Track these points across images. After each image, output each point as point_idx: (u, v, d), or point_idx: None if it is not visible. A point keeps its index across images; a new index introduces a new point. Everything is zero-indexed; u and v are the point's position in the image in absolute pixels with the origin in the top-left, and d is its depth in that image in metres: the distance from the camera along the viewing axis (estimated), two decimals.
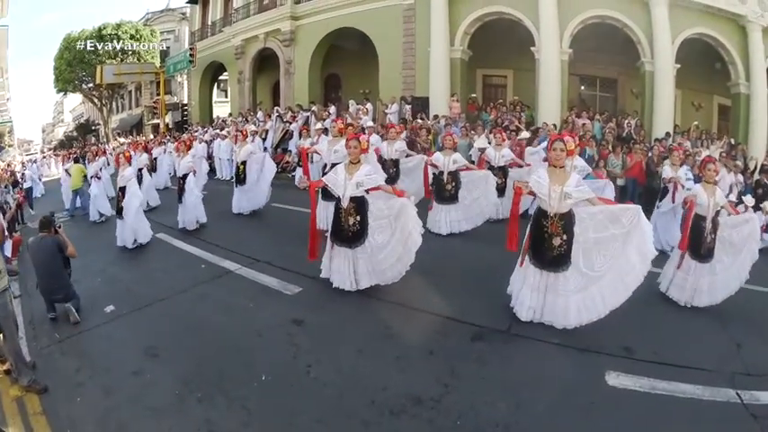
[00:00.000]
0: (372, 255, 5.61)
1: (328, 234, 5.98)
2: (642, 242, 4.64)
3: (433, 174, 8.43)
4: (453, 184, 8.28)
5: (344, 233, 5.63)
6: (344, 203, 5.60)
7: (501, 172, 8.99)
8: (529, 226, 5.01)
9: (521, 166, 9.29)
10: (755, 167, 13.21)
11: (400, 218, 5.53)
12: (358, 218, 5.59)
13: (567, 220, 4.76)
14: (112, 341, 5.08)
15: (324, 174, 7.51)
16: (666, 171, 8.10)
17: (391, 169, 9.14)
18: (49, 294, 5.67)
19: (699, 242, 5.70)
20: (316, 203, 5.97)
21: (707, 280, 5.70)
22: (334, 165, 7.21)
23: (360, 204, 5.61)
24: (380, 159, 9.37)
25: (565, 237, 4.74)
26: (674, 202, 7.94)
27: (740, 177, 11.34)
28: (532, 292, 4.92)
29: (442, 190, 8.32)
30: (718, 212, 5.77)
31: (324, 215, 7.35)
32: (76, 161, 14.94)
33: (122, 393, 4.06)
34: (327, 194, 6.82)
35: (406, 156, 9.45)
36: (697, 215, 5.73)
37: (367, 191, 5.67)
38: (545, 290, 4.87)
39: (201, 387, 4.05)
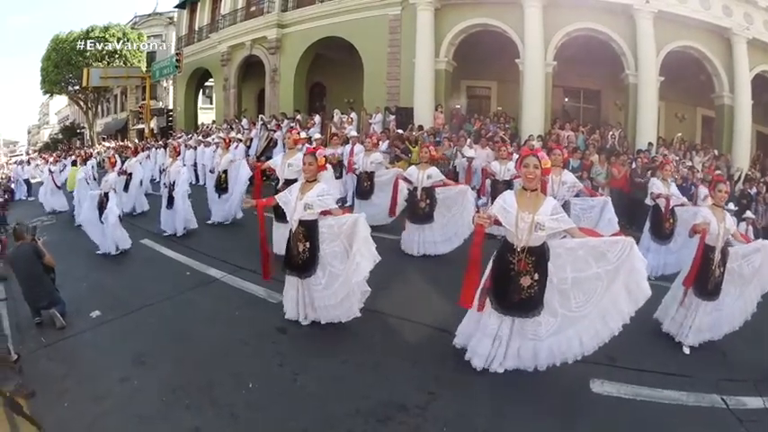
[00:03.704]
0: (326, 287, 4.96)
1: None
2: (631, 280, 3.86)
3: (408, 190, 7.75)
4: (428, 201, 7.56)
5: (294, 260, 5.01)
6: (293, 226, 4.98)
7: (506, 186, 8.00)
8: (491, 261, 4.16)
9: None
10: (740, 177, 13.40)
11: (352, 238, 4.80)
12: (307, 244, 4.92)
13: (539, 255, 3.91)
14: (99, 347, 5.07)
15: (276, 191, 6.54)
16: (657, 186, 7.36)
17: (366, 182, 8.92)
18: (33, 302, 5.63)
19: (705, 277, 4.88)
20: (264, 222, 5.36)
21: (710, 318, 5.02)
22: (287, 181, 6.68)
23: (309, 229, 4.93)
24: (355, 171, 9.28)
25: (536, 276, 3.91)
26: (665, 221, 7.31)
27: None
28: (492, 341, 4.17)
29: (416, 208, 7.61)
30: (727, 241, 5.01)
31: (278, 238, 6.89)
32: (74, 164, 14.92)
33: (110, 400, 4.06)
34: (281, 215, 6.27)
35: (385, 168, 9.13)
36: (705, 245, 4.88)
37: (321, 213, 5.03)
38: (509, 337, 4.14)
39: (189, 394, 4.06)
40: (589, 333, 3.99)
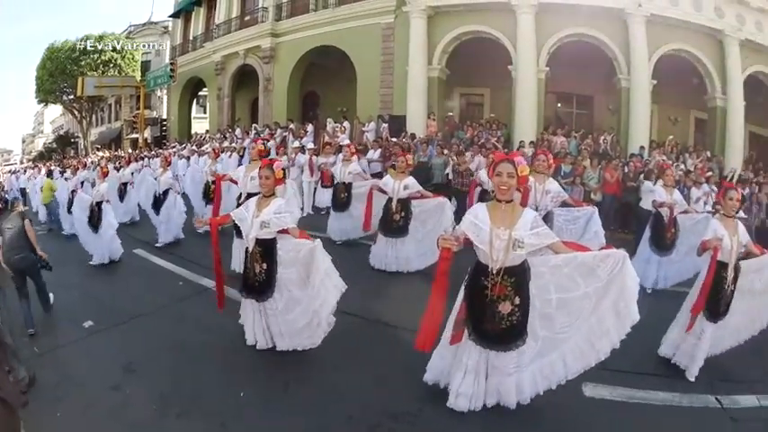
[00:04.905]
0: (285, 312, 4.66)
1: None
2: (621, 301, 3.43)
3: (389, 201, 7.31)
4: (403, 213, 7.14)
5: (251, 281, 4.66)
6: (250, 246, 4.60)
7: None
8: (463, 287, 3.66)
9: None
10: (732, 178, 13.42)
11: (310, 267, 4.47)
12: (264, 265, 4.57)
13: (519, 276, 3.41)
14: (91, 356, 5.06)
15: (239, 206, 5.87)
16: (659, 194, 6.94)
17: (343, 194, 8.63)
18: (7, 256, 5.68)
19: (717, 297, 4.31)
20: (218, 244, 4.94)
21: (717, 335, 4.54)
22: (250, 195, 5.94)
23: (267, 249, 4.57)
24: (333, 183, 9.05)
25: (517, 300, 3.41)
26: (668, 230, 6.87)
27: (714, 187, 11.42)
28: (467, 375, 3.64)
29: (390, 220, 7.18)
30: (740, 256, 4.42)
31: (239, 256, 6.47)
32: (49, 175, 14.93)
33: (102, 408, 4.04)
34: (240, 231, 5.74)
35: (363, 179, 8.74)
36: (717, 262, 4.29)
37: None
38: (486, 372, 3.63)
39: (180, 403, 4.05)
40: (574, 354, 3.59)
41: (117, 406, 4.07)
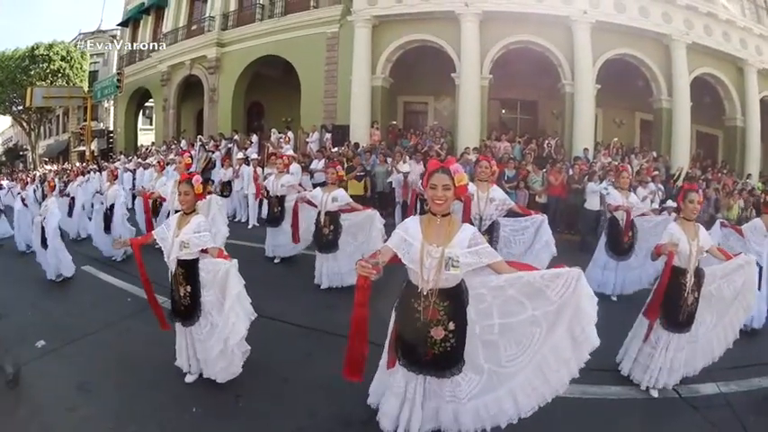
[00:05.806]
0: (207, 338, 4.34)
1: None
2: (576, 323, 3.04)
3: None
4: (332, 227, 6.86)
5: (177, 305, 4.38)
6: (172, 267, 4.32)
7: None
8: (394, 308, 3.31)
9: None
10: (679, 176, 13.69)
11: (224, 290, 4.18)
12: (188, 288, 4.28)
13: (455, 298, 3.05)
14: (46, 377, 4.97)
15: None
16: (614, 197, 6.78)
17: (276, 208, 8.37)
18: None
19: (676, 306, 4.08)
20: (143, 265, 4.60)
21: (683, 354, 4.23)
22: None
23: (189, 270, 4.28)
24: (267, 195, 8.80)
25: (451, 325, 3.04)
26: (626, 235, 6.72)
27: (660, 186, 11.82)
28: (398, 401, 3.31)
29: (320, 234, 6.96)
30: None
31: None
32: None
33: (60, 430, 4.03)
34: None
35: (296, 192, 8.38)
36: (674, 268, 4.07)
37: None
38: (422, 397, 3.25)
39: (135, 420, 4.02)
40: (525, 391, 3.19)
41: (75, 427, 4.05)
